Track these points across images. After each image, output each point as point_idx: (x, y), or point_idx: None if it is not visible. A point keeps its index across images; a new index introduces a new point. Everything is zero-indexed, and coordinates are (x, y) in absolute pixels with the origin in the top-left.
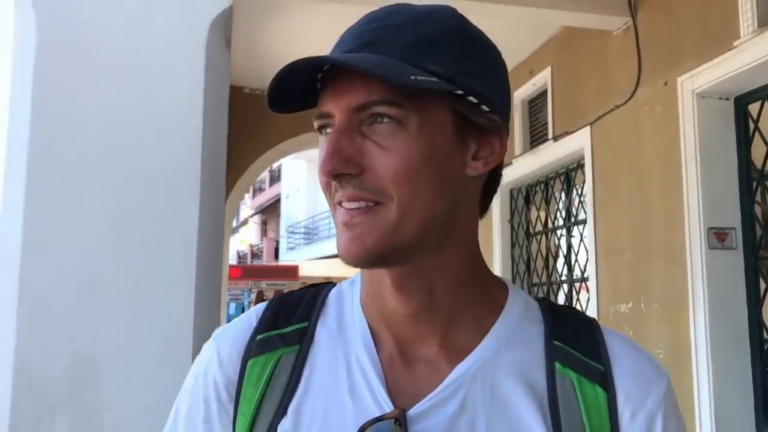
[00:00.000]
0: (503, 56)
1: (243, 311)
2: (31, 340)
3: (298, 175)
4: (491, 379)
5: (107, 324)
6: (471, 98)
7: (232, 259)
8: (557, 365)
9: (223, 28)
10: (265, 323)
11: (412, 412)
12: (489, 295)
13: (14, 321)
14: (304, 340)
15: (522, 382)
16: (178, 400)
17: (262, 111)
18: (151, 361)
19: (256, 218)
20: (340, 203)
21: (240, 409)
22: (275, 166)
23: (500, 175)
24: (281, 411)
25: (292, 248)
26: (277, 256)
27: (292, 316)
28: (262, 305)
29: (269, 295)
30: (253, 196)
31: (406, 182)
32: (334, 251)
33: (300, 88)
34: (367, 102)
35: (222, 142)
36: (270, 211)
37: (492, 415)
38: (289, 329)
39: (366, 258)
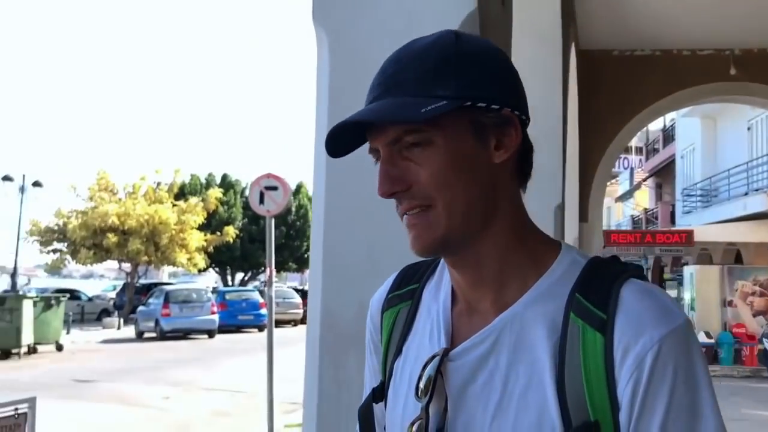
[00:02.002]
0: None
1: None
2: (332, 294)
3: (693, 133)
4: (519, 327)
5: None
6: (480, 104)
7: (626, 224)
8: (571, 315)
9: (470, 31)
10: (394, 285)
11: (455, 351)
12: (536, 258)
13: (321, 280)
14: (414, 298)
15: (546, 329)
16: None
17: (631, 72)
18: None
19: (650, 181)
20: (404, 214)
21: (382, 349)
22: (668, 124)
23: (531, 151)
24: (397, 351)
25: (689, 212)
26: (673, 221)
27: (410, 279)
28: (396, 272)
29: (667, 261)
30: (647, 158)
31: (444, 186)
32: (735, 214)
33: (352, 133)
34: (398, 135)
35: None
36: (664, 174)
37: (514, 355)
38: (405, 289)
39: (428, 251)
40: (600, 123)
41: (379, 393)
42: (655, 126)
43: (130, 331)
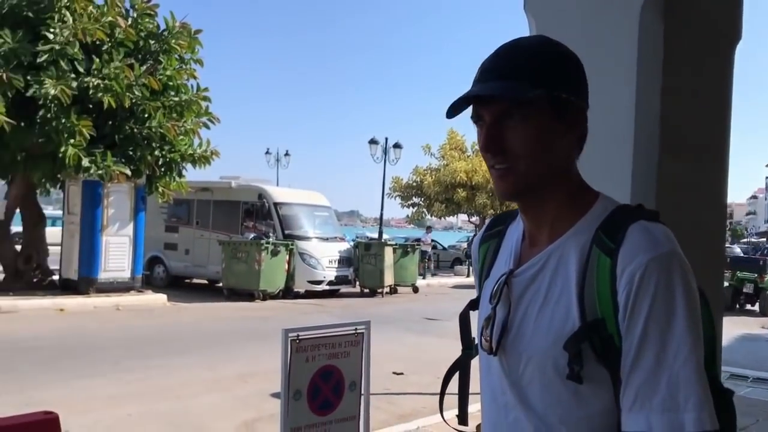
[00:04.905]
0: None
1: None
2: None
3: None
4: (560, 254)
5: None
6: (564, 95)
7: None
8: (594, 245)
9: (654, 7)
10: (488, 228)
11: (517, 270)
12: (581, 205)
13: None
14: (500, 236)
15: (577, 256)
16: None
17: None
18: None
19: None
20: (493, 166)
21: (478, 273)
22: None
23: (586, 131)
24: (486, 275)
25: None
26: None
27: (498, 224)
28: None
29: None
30: None
31: (530, 150)
32: None
33: (465, 101)
34: (505, 108)
35: (655, 117)
36: None
37: (555, 273)
38: (495, 230)
39: (507, 197)
40: None
41: (475, 303)
42: None
43: None
